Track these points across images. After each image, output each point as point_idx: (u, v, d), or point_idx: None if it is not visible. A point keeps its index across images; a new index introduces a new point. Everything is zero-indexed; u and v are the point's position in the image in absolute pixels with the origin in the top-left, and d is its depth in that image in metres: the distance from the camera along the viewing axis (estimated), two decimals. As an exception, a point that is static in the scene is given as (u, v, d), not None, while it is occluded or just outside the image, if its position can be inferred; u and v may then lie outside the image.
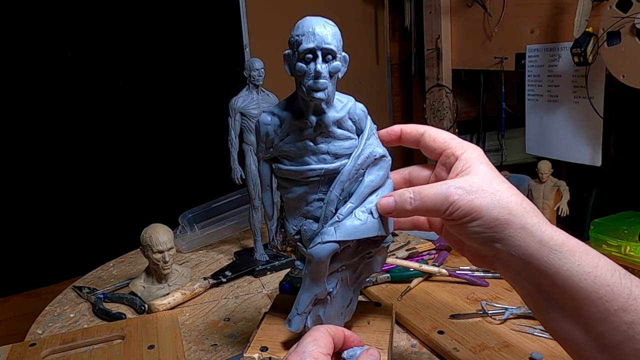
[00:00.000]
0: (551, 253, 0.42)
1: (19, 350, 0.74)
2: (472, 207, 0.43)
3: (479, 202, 0.43)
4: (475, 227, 0.44)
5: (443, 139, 0.50)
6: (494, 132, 1.88)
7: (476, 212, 0.43)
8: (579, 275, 0.41)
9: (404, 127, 0.54)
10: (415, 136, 0.52)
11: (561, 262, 0.41)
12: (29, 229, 1.49)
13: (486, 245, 0.44)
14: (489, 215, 0.43)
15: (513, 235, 0.43)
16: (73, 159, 1.53)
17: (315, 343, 0.42)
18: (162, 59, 1.64)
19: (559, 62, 1.38)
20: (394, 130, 0.54)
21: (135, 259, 1.14)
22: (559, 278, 0.41)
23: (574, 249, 0.42)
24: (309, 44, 0.47)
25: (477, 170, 0.46)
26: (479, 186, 0.44)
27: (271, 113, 0.53)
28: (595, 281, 0.40)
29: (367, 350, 0.45)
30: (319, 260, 0.52)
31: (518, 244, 0.43)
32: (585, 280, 0.41)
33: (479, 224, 0.43)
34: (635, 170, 1.59)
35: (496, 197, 0.44)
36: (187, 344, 0.76)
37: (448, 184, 0.45)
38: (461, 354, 0.65)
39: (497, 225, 0.43)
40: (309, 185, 0.53)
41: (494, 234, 0.43)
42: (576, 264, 0.41)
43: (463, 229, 0.44)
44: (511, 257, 0.43)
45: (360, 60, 2.07)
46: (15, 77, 1.42)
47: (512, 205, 0.43)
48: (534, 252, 0.42)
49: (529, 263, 0.43)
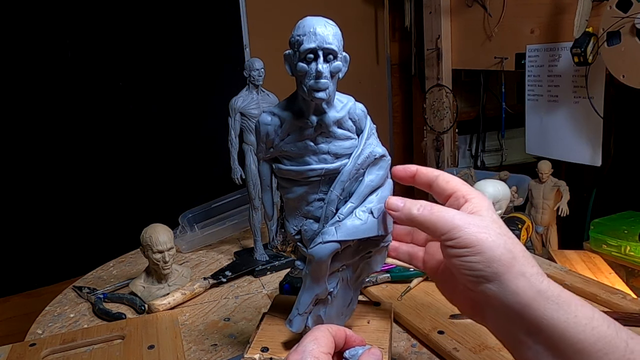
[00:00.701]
0: (548, 303, 0.41)
1: (19, 350, 0.74)
2: (477, 239, 0.43)
3: (484, 237, 0.43)
4: (474, 262, 0.42)
5: (455, 182, 0.50)
6: (494, 132, 1.88)
7: (480, 245, 0.42)
8: (577, 327, 0.40)
9: (420, 167, 0.53)
10: (430, 178, 0.51)
11: (558, 314, 0.40)
12: (29, 229, 1.49)
13: (479, 285, 0.43)
14: (492, 253, 0.42)
15: (511, 280, 0.42)
16: (73, 159, 1.53)
17: (316, 342, 0.42)
18: (162, 59, 1.64)
19: (559, 62, 1.38)
20: (410, 169, 0.53)
21: (135, 259, 1.14)
22: (556, 330, 0.40)
23: (570, 300, 0.41)
24: (310, 44, 0.47)
25: (487, 214, 0.45)
26: (487, 225, 0.44)
27: (271, 113, 0.53)
28: (593, 333, 0.40)
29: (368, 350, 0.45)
30: (320, 260, 0.52)
31: (515, 291, 0.41)
32: (583, 333, 0.40)
33: (479, 259, 0.42)
34: (635, 170, 1.59)
35: (502, 239, 0.43)
36: (187, 344, 0.76)
37: (460, 212, 0.45)
38: (461, 354, 0.65)
39: (498, 266, 0.42)
40: (309, 185, 0.53)
41: (491, 274, 0.42)
42: (573, 315, 0.40)
43: (461, 260, 0.43)
44: (504, 305, 0.42)
45: (360, 60, 2.07)
46: (16, 77, 1.42)
47: (516, 251, 0.43)
48: (531, 301, 0.41)
49: (524, 313, 0.41)
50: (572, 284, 0.84)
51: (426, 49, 1.84)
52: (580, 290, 0.82)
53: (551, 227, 1.28)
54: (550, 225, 1.28)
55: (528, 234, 1.14)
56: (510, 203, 1.12)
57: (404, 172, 0.53)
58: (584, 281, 0.85)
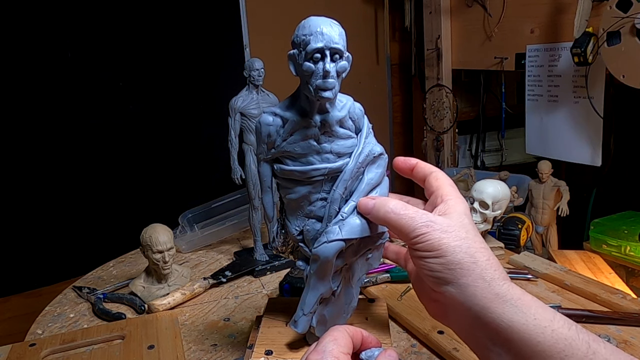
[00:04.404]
0: (506, 306, 0.41)
1: (19, 350, 0.74)
2: (439, 244, 0.43)
3: (447, 242, 0.43)
4: (435, 264, 0.44)
5: (442, 182, 0.50)
6: (494, 132, 1.88)
7: (442, 249, 0.43)
8: (536, 329, 0.40)
9: (420, 161, 0.54)
10: (425, 173, 0.53)
11: (517, 316, 0.41)
12: (29, 229, 1.49)
13: (440, 286, 0.44)
14: (453, 257, 0.43)
15: (470, 284, 0.42)
16: (73, 159, 1.53)
17: (336, 342, 0.42)
18: (162, 59, 1.64)
19: (559, 62, 1.38)
20: (410, 161, 0.54)
21: (135, 259, 1.14)
22: (515, 332, 0.40)
23: (530, 303, 0.42)
24: (317, 44, 0.47)
25: (457, 217, 0.46)
26: (453, 229, 0.44)
27: (273, 113, 0.53)
28: (553, 335, 0.40)
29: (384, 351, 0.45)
30: (326, 259, 0.52)
31: (474, 293, 0.42)
32: (543, 335, 0.40)
33: (440, 262, 0.43)
34: (635, 170, 1.59)
35: (466, 243, 0.44)
36: (187, 344, 0.76)
37: (427, 215, 0.45)
38: (461, 354, 0.65)
39: (458, 270, 0.43)
40: (312, 185, 0.54)
41: (451, 277, 0.43)
42: (532, 318, 0.40)
43: (424, 263, 0.44)
44: (464, 307, 0.43)
45: (360, 60, 2.07)
46: (16, 77, 1.42)
47: (478, 255, 0.43)
48: (489, 303, 0.42)
49: (483, 315, 0.42)
50: (572, 284, 0.84)
51: (426, 49, 1.84)
52: (580, 290, 0.82)
53: (551, 227, 1.28)
54: (550, 225, 1.28)
55: (528, 234, 1.14)
56: (510, 203, 1.12)
57: (404, 163, 0.54)
58: (584, 281, 0.85)
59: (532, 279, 0.88)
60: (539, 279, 0.88)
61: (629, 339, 0.69)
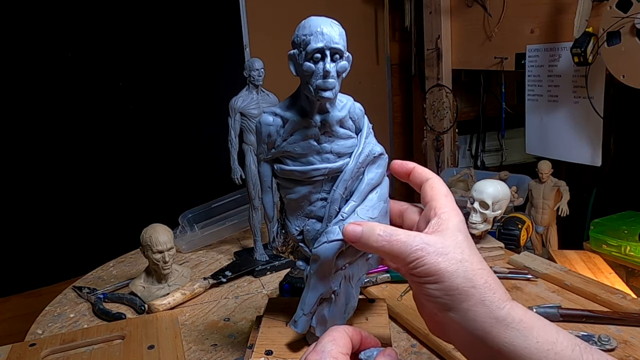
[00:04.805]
0: (507, 330, 0.40)
1: (19, 350, 0.74)
2: (436, 269, 0.42)
3: (444, 266, 0.42)
4: (434, 290, 0.43)
5: (436, 191, 0.49)
6: (494, 132, 1.88)
7: (439, 275, 0.42)
8: (539, 353, 0.39)
9: (417, 166, 0.52)
10: (422, 179, 0.51)
11: (519, 340, 0.40)
12: (29, 229, 1.49)
13: (441, 312, 0.43)
14: (450, 282, 0.42)
15: (470, 309, 0.41)
16: (73, 159, 1.53)
17: (335, 343, 0.42)
18: (162, 59, 1.64)
19: (559, 62, 1.38)
20: (407, 166, 0.53)
21: (135, 259, 1.14)
22: (518, 356, 0.40)
23: (532, 324, 0.41)
24: (317, 44, 0.47)
25: (451, 235, 0.45)
26: (449, 250, 0.43)
27: (273, 113, 0.53)
28: (556, 358, 0.39)
29: (383, 351, 0.45)
30: (326, 259, 0.52)
31: (474, 319, 0.41)
32: (545, 358, 0.39)
33: (438, 287, 0.42)
34: (635, 170, 1.59)
35: (463, 266, 0.42)
36: (187, 344, 0.76)
37: (421, 237, 0.44)
38: (461, 354, 0.65)
39: (457, 295, 0.42)
40: (312, 185, 0.54)
41: (451, 302, 0.42)
42: (534, 341, 0.40)
43: (422, 288, 0.43)
44: (466, 331, 0.42)
45: (360, 60, 2.07)
46: (16, 77, 1.42)
47: (476, 278, 0.42)
48: (490, 328, 0.41)
49: (485, 339, 0.41)
50: (572, 284, 0.84)
51: (426, 49, 1.84)
52: (580, 290, 0.82)
53: (551, 227, 1.28)
54: (550, 225, 1.28)
55: (528, 234, 1.14)
56: (510, 203, 1.12)
57: (401, 167, 0.53)
58: (584, 281, 0.85)
59: (532, 279, 0.88)
60: (539, 279, 0.88)
61: (629, 339, 0.69)
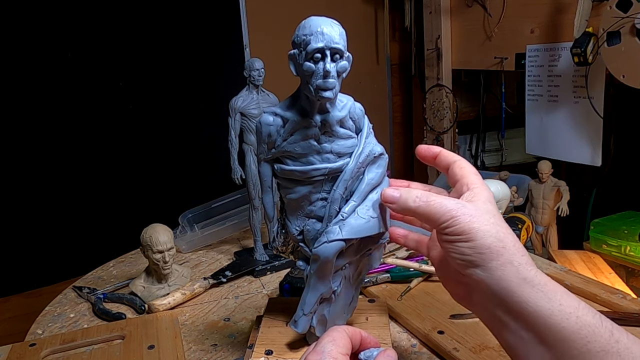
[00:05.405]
0: (533, 291, 0.42)
1: (19, 350, 0.74)
2: (470, 228, 0.44)
3: (477, 226, 0.44)
4: (465, 248, 0.44)
5: (467, 170, 0.51)
6: (494, 132, 1.88)
7: (472, 233, 0.44)
8: (561, 315, 0.41)
9: (444, 150, 0.55)
10: (449, 161, 0.53)
11: (543, 302, 0.41)
12: (29, 229, 1.49)
13: (468, 269, 0.45)
14: (483, 241, 0.44)
15: (498, 267, 0.43)
16: (73, 159, 1.53)
17: (334, 343, 0.43)
18: (162, 59, 1.64)
19: (559, 62, 1.38)
20: (433, 149, 0.55)
21: (135, 259, 1.14)
22: (540, 317, 0.41)
23: (556, 289, 0.42)
24: (318, 44, 0.47)
25: (484, 204, 0.47)
26: (482, 214, 0.45)
27: (273, 113, 0.54)
28: (577, 321, 0.40)
29: (383, 351, 0.45)
30: (326, 259, 0.52)
31: (501, 276, 0.43)
32: (567, 321, 0.40)
33: (470, 246, 0.44)
34: (635, 170, 1.59)
35: (495, 228, 0.44)
36: (187, 344, 0.76)
37: (456, 201, 0.46)
38: (461, 354, 0.65)
39: (487, 253, 0.43)
40: (313, 185, 0.54)
41: (480, 260, 0.44)
42: (558, 304, 0.41)
43: (453, 247, 0.45)
44: (490, 290, 0.44)
45: (360, 60, 2.07)
46: (15, 77, 1.42)
47: (507, 240, 0.44)
48: (516, 287, 0.42)
49: (510, 298, 0.43)
50: (572, 284, 0.84)
51: (426, 49, 1.84)
52: (580, 290, 0.82)
53: (551, 227, 1.28)
54: (550, 225, 1.28)
55: (528, 234, 1.14)
56: (510, 203, 1.12)
57: (427, 151, 0.55)
58: (584, 281, 0.85)
59: (532, 279, 0.88)
60: (539, 279, 0.88)
61: (629, 339, 0.69)
